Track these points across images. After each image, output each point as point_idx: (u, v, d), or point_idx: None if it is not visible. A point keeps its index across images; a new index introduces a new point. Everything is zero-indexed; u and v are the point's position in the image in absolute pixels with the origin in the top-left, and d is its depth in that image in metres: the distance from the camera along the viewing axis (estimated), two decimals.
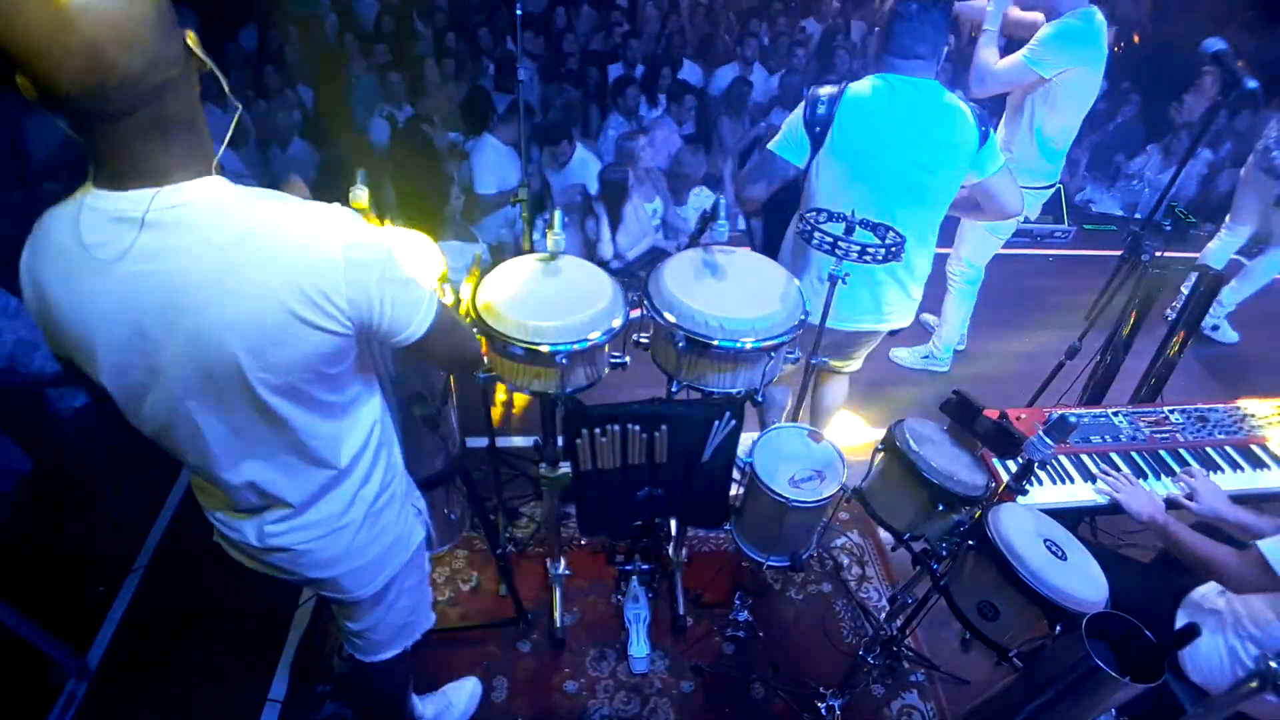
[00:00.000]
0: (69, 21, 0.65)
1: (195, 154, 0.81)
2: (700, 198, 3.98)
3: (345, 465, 1.05)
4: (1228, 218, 3.68)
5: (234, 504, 1.05)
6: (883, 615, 1.99)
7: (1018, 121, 2.73)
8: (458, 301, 1.52)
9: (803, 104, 1.80)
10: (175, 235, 0.79)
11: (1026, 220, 4.65)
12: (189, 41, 0.78)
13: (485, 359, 1.48)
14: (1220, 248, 3.72)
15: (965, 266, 3.12)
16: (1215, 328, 3.79)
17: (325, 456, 1.02)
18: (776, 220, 2.09)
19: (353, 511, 1.10)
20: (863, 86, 1.77)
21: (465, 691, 1.91)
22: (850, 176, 1.79)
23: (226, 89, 0.81)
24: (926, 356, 3.40)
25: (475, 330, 1.46)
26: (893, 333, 2.12)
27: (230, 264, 0.79)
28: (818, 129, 1.78)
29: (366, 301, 0.88)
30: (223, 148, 0.86)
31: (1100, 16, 2.51)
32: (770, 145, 1.87)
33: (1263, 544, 1.35)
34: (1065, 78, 2.53)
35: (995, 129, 1.84)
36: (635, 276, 3.44)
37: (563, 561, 2.10)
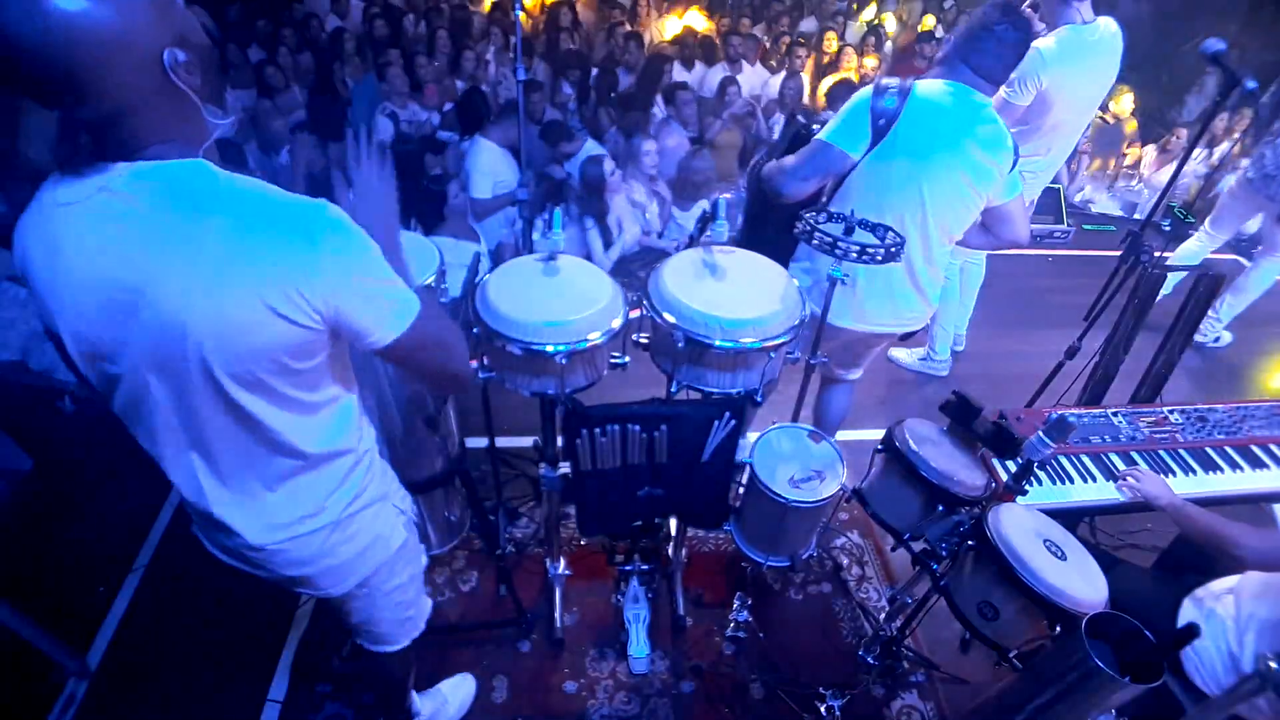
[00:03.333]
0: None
1: (181, 137, 0.82)
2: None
3: (313, 462, 1.04)
4: (1207, 222, 3.74)
5: (199, 500, 1.03)
6: (883, 615, 2.00)
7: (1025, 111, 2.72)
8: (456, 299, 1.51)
9: (868, 93, 1.73)
10: (147, 207, 0.79)
11: None
12: (176, 68, 0.78)
13: (470, 379, 1.40)
14: (1198, 249, 3.78)
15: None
16: (1217, 339, 3.78)
17: (294, 447, 1.00)
18: (761, 220, 2.05)
19: (326, 514, 1.10)
20: (932, 87, 1.73)
21: (460, 688, 1.91)
22: (899, 177, 1.74)
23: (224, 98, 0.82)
24: (924, 359, 3.38)
25: (476, 334, 1.46)
26: (905, 335, 2.13)
27: (200, 243, 0.79)
28: (882, 121, 1.70)
29: (337, 298, 0.86)
30: (211, 140, 0.86)
31: (1072, 34, 2.40)
32: (823, 135, 1.79)
33: (1278, 508, 1.33)
34: (1056, 88, 2.48)
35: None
36: (635, 276, 3.43)
37: (563, 561, 2.10)
